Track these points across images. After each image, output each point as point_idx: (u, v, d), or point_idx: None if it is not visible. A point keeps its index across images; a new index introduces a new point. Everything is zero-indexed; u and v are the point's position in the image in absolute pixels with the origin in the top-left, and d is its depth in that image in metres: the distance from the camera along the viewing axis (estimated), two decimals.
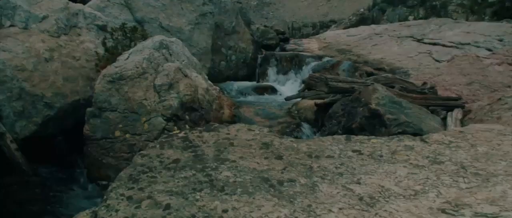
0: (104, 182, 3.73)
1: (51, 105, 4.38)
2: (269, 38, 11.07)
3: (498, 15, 23.65)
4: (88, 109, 4.07)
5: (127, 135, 3.97)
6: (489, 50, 8.25)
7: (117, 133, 3.99)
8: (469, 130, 2.73)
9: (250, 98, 7.08)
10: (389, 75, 5.45)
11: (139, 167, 2.52)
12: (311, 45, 10.76)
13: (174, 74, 4.16)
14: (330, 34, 11.92)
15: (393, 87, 5.08)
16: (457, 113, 4.01)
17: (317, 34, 13.96)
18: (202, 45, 7.23)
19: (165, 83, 4.05)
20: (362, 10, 16.05)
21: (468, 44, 8.77)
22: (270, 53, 9.88)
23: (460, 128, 2.88)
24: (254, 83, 8.85)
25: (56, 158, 4.55)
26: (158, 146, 2.79)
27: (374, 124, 3.70)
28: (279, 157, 2.55)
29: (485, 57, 6.50)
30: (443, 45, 8.99)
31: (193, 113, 4.11)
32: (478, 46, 8.56)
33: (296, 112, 5.05)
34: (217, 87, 5.43)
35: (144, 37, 5.28)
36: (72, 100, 4.57)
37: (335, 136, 2.80)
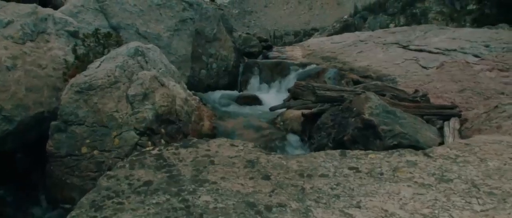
0: (67, 206, 3.33)
1: (11, 119, 3.96)
2: (252, 45, 10.77)
3: (478, 22, 23.98)
4: (53, 123, 3.68)
5: (95, 152, 3.59)
6: (476, 56, 8.14)
7: (84, 149, 3.61)
8: (475, 142, 2.46)
9: (232, 108, 6.74)
10: (379, 83, 5.19)
11: (104, 191, 2.16)
12: (295, 52, 10.51)
13: (150, 83, 3.80)
14: (314, 42, 11.71)
15: (383, 95, 4.82)
16: (454, 122, 3.76)
17: (299, 42, 13.75)
18: (182, 52, 6.88)
19: (139, 93, 3.69)
20: (345, 17, 15.94)
21: (455, 50, 8.64)
22: (252, 61, 9.57)
23: (466, 140, 2.60)
24: (236, 92, 8.52)
25: (15, 177, 4.10)
26: (127, 165, 2.44)
27: (367, 136, 3.41)
28: (267, 177, 2.23)
29: (475, 63, 6.33)
30: (429, 52, 8.85)
31: (170, 126, 3.76)
32: (464, 53, 8.44)
33: (282, 123, 4.73)
34: (197, 97, 5.09)
35: (119, 43, 4.91)
36: (35, 113, 4.15)
37: (328, 151, 2.49)
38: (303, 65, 9.14)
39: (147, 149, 2.67)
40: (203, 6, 8.71)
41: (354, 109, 3.62)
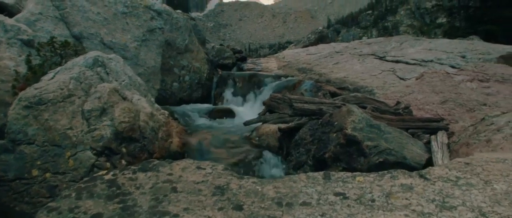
0: None
1: None
2: (225, 57, 10.45)
3: (449, 35, 24.45)
4: None
5: (48, 174, 3.15)
6: (453, 67, 8.05)
7: (35, 172, 3.17)
8: (476, 161, 2.18)
9: (205, 123, 6.37)
10: (359, 94, 4.93)
11: None
12: (270, 64, 10.24)
13: (109, 96, 3.40)
14: (289, 53, 11.48)
15: (364, 107, 4.56)
16: (442, 137, 3.50)
17: (274, 54, 13.52)
18: (150, 64, 6.48)
19: (96, 108, 3.29)
20: (320, 28, 15.85)
21: (431, 61, 8.55)
22: (226, 73, 9.25)
23: (465, 159, 2.32)
24: (209, 106, 8.17)
25: None
26: (73, 194, 2.04)
27: (350, 153, 3.11)
28: (239, 207, 1.87)
29: (455, 74, 6.18)
30: (406, 63, 8.73)
31: (132, 144, 3.36)
32: (441, 64, 8.35)
33: (257, 138, 4.39)
34: (166, 112, 4.69)
35: (78, 53, 4.49)
36: None
37: (310, 174, 2.16)
38: (279, 77, 8.88)
39: (99, 173, 2.28)
40: (174, 16, 8.38)
41: (335, 123, 3.32)
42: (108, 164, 3.09)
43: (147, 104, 4.02)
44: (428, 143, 3.47)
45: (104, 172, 2.34)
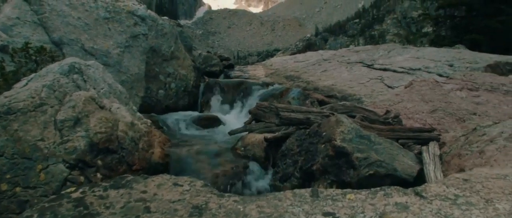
0: None
1: None
2: (212, 64, 10.28)
3: (435, 44, 24.69)
4: None
5: (18, 189, 2.93)
6: (441, 75, 8.03)
7: (4, 186, 2.94)
8: (475, 177, 2.03)
9: (190, 131, 6.18)
10: (347, 103, 4.79)
11: None
12: (257, 72, 10.10)
13: (84, 105, 3.20)
14: (277, 60, 11.37)
15: (353, 116, 4.42)
16: (433, 148, 3.37)
17: (262, 61, 13.41)
18: (134, 71, 6.27)
19: (70, 118, 3.08)
20: (308, 35, 15.80)
21: (419, 69, 8.50)
22: (213, 81, 9.07)
23: (463, 175, 2.17)
24: (196, 113, 7.97)
25: None
26: (36, 215, 1.84)
27: (340, 165, 2.95)
28: None
29: (444, 83, 6.09)
30: (394, 71, 8.68)
31: (109, 156, 3.16)
32: (429, 72, 8.31)
33: (243, 148, 4.21)
34: (148, 121, 4.49)
35: (54, 59, 4.28)
36: None
37: (296, 191, 1.99)
38: (266, 84, 8.73)
39: (67, 190, 2.08)
40: (159, 22, 8.21)
41: (324, 133, 3.17)
42: (82, 178, 2.89)
43: (127, 113, 3.83)
44: (419, 154, 3.34)
45: (73, 189, 2.14)
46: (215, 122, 7.13)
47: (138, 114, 4.46)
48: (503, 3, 21.86)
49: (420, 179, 3.11)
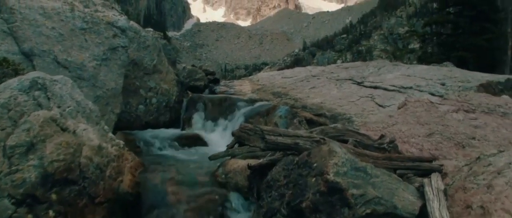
0: None
1: None
2: (197, 79, 9.89)
3: (423, 60, 24.80)
4: None
5: None
6: (432, 94, 7.79)
7: None
8: None
9: (169, 152, 5.77)
10: (339, 125, 4.45)
11: None
12: (244, 87, 9.74)
13: (41, 128, 2.80)
14: (264, 76, 11.02)
15: (345, 141, 4.08)
16: (437, 181, 3.02)
17: (250, 75, 13.08)
18: (111, 85, 5.85)
19: (22, 144, 2.67)
20: (297, 50, 15.58)
21: (411, 88, 8.24)
22: (197, 96, 8.68)
23: None
24: (177, 131, 7.58)
25: None
26: None
27: (333, 203, 2.58)
28: None
29: (440, 104, 5.80)
30: (385, 89, 8.40)
31: (67, 188, 2.74)
32: (421, 91, 8.06)
33: (224, 176, 3.82)
34: (121, 142, 4.08)
35: (18, 72, 3.86)
36: None
37: None
38: (252, 101, 8.39)
39: None
40: (142, 34, 7.83)
41: (314, 164, 2.81)
42: (30, 216, 2.47)
43: (95, 135, 3.42)
44: (421, 187, 2.99)
45: None
46: (197, 141, 6.74)
47: (110, 134, 4.05)
48: (488, 21, 22.10)
49: (422, 216, 2.77)
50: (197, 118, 7.98)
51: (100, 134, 3.81)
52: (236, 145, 4.25)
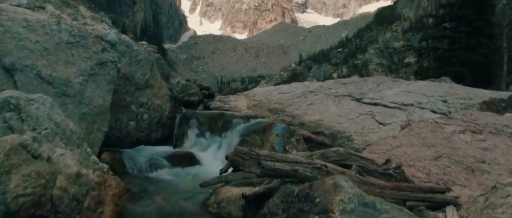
0: None
1: None
2: (191, 94, 9.58)
3: (419, 75, 24.73)
4: None
5: None
6: (434, 111, 7.53)
7: None
8: None
9: (160, 173, 5.43)
10: (341, 149, 4.13)
11: None
12: (239, 103, 9.44)
13: (7, 157, 2.47)
14: (260, 91, 10.73)
15: (348, 166, 3.77)
16: (452, 216, 2.71)
17: (246, 89, 12.80)
18: (98, 102, 5.51)
19: None
20: (293, 65, 15.35)
21: (412, 105, 7.97)
22: (190, 112, 8.36)
23: None
24: (169, 149, 7.25)
25: None
26: None
27: None
28: None
29: (445, 124, 5.51)
30: (385, 106, 8.12)
31: None
32: (422, 108, 7.79)
33: (216, 205, 3.49)
34: (105, 166, 3.76)
35: None
36: None
37: None
38: (248, 118, 8.07)
39: None
40: (134, 47, 7.55)
41: (317, 199, 2.49)
42: None
43: (74, 161, 3.09)
44: None
45: None
46: (189, 160, 6.41)
47: (93, 157, 3.72)
48: (484, 37, 22.14)
49: None
50: (191, 135, 7.66)
51: (82, 157, 3.48)
52: (230, 171, 3.93)
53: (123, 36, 7.66)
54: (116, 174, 5.03)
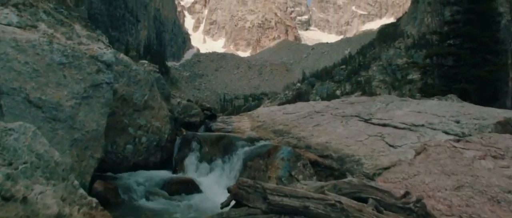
0: None
1: None
2: (192, 115, 9.22)
3: (424, 92, 24.39)
4: None
5: None
6: (446, 133, 7.14)
7: None
8: None
9: (157, 203, 5.06)
10: (354, 180, 3.74)
11: None
12: (242, 124, 9.07)
13: None
14: (264, 111, 10.37)
15: (362, 199, 3.38)
16: None
17: (248, 109, 12.45)
18: (91, 127, 5.16)
19: None
20: (298, 84, 15.04)
21: (423, 126, 7.58)
22: (191, 134, 7.99)
23: None
24: (168, 174, 6.90)
25: None
26: None
27: None
28: None
29: (464, 148, 5.12)
30: (395, 127, 7.73)
31: None
32: (434, 129, 7.40)
33: None
34: (94, 200, 3.38)
35: None
36: None
37: None
38: (252, 140, 7.70)
39: None
40: (132, 67, 7.26)
41: None
42: None
43: (56, 199, 2.72)
44: None
45: None
46: (189, 186, 6.03)
47: (81, 191, 3.35)
48: (489, 53, 21.90)
49: None
50: (191, 159, 7.29)
51: (67, 192, 3.11)
52: (232, 205, 3.54)
53: (122, 55, 7.37)
54: (109, 204, 4.67)
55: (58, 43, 5.25)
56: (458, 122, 7.76)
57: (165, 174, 6.77)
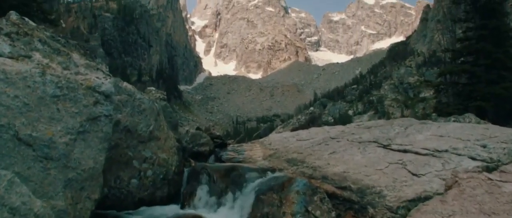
0: None
1: None
2: (201, 144, 8.75)
3: (439, 111, 23.61)
4: None
5: None
6: (473, 158, 6.55)
7: None
8: None
9: None
10: None
11: None
12: (254, 152, 8.57)
13: None
14: (277, 138, 9.85)
15: None
16: None
17: (259, 136, 11.96)
18: (88, 165, 4.71)
19: None
20: (311, 108, 14.58)
21: (446, 151, 6.98)
22: (200, 166, 7.49)
23: None
24: (176, 209, 6.41)
25: None
26: None
27: None
28: None
29: (501, 180, 4.54)
30: (417, 153, 7.15)
31: None
32: (459, 154, 6.80)
33: None
34: None
35: None
36: None
37: None
38: (264, 171, 7.19)
39: None
40: (136, 96, 6.84)
41: None
42: None
43: None
44: None
45: None
46: None
47: None
48: (505, 69, 21.27)
49: None
50: (200, 193, 6.78)
51: None
52: None
53: (125, 84, 6.97)
54: None
55: (52, 74, 4.86)
56: (484, 146, 7.17)
57: (172, 209, 6.30)
